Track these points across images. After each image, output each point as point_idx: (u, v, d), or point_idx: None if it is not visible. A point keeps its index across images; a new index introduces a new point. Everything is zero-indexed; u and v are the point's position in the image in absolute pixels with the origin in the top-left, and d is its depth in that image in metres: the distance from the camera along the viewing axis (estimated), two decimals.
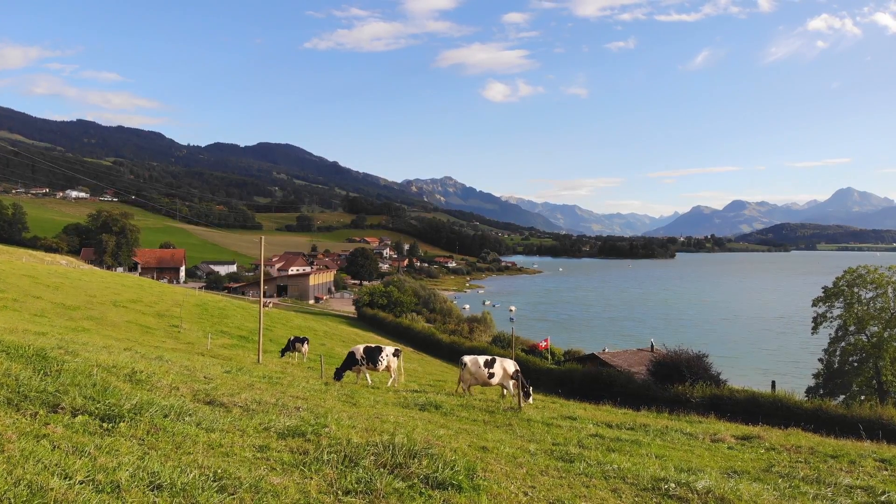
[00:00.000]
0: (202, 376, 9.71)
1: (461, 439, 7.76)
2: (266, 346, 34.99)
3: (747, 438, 11.08)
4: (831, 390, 51.25)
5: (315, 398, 9.94)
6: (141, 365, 8.73)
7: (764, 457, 9.52)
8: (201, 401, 7.26)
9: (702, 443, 10.47)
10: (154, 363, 10.33)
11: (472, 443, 7.68)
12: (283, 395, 9.23)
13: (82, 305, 34.73)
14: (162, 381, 7.76)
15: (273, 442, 5.89)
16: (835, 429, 18.43)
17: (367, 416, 8.56)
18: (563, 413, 13.23)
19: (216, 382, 9.21)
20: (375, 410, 9.88)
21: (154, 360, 11.37)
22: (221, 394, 7.80)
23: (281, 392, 9.81)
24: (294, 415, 7.26)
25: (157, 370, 8.74)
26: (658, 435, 10.84)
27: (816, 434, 15.14)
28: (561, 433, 10.16)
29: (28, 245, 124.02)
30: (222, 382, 9.46)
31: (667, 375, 29.88)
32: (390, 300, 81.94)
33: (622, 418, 13.56)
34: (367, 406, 10.43)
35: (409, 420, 8.93)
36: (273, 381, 12.22)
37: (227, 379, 10.50)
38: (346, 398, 11.17)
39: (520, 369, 15.22)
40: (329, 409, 8.44)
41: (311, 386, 12.21)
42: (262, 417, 6.79)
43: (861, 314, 52.16)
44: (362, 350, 18.53)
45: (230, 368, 13.24)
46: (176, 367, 10.30)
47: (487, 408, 12.55)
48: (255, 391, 9.06)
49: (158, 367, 9.23)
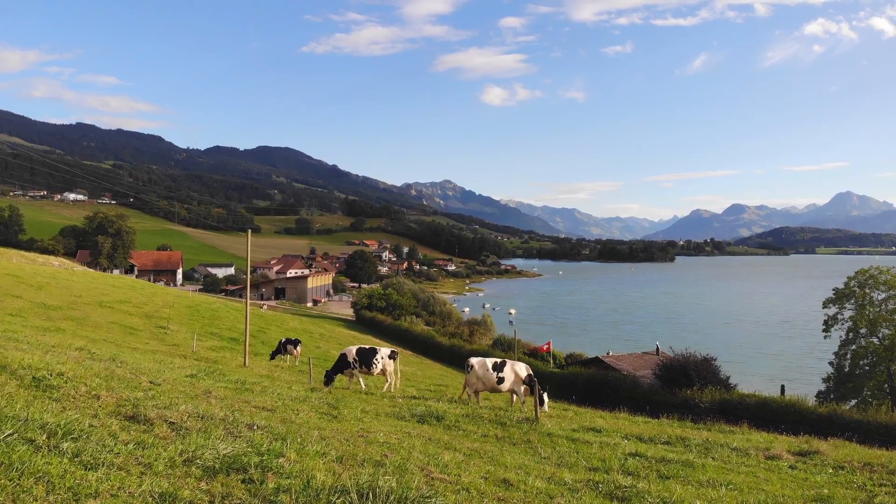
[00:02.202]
0: (147, 381, 7.96)
1: (473, 468, 6.01)
2: (258, 349, 33.41)
3: (805, 454, 9.51)
4: (843, 394, 50.08)
5: (286, 410, 8.23)
6: (68, 367, 7.09)
7: (843, 479, 7.93)
8: (121, 415, 5.54)
9: (757, 461, 8.85)
10: (96, 365, 8.57)
11: (488, 472, 5.89)
12: (244, 407, 7.55)
13: (65, 305, 33.11)
14: (80, 387, 6.10)
15: (190, 484, 4.08)
16: (854, 436, 17.52)
17: (349, 435, 6.75)
18: (583, 424, 11.54)
19: (160, 389, 7.42)
20: (361, 425, 8.07)
21: (106, 361, 9.70)
22: (155, 405, 6.07)
23: (243, 402, 8.09)
24: (242, 437, 5.42)
25: (84, 374, 7.05)
26: (703, 451, 9.21)
27: (858, 444, 13.66)
28: (593, 452, 8.49)
29: (24, 247, 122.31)
30: (169, 389, 7.68)
31: (674, 379, 29.49)
32: (389, 303, 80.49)
33: (651, 429, 11.91)
34: (351, 419, 8.63)
35: (403, 438, 7.14)
36: (243, 387, 10.48)
37: (183, 384, 8.66)
38: (328, 409, 9.40)
39: (533, 374, 13.60)
40: (297, 427, 6.60)
41: (288, 393, 10.46)
42: (191, 441, 4.95)
43: (873, 316, 50.84)
44: (355, 352, 16.80)
45: (197, 372, 11.50)
46: (120, 371, 8.57)
47: (498, 418, 10.87)
48: (206, 401, 7.35)
49: (87, 371, 7.49)
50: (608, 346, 67.98)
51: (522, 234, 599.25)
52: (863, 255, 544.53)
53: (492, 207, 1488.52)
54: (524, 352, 50.60)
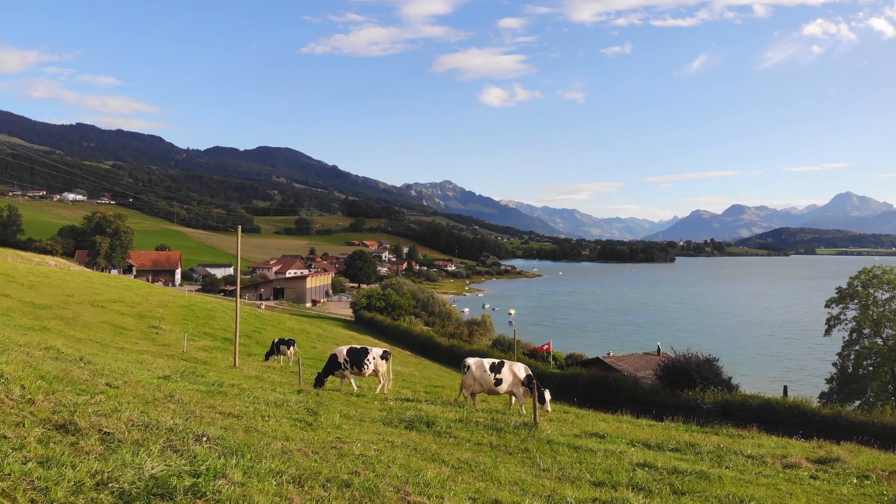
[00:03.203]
0: (104, 384, 7.25)
1: (460, 486, 5.26)
2: (253, 350, 32.80)
3: (825, 462, 8.84)
4: (846, 395, 49.51)
5: (255, 416, 7.40)
6: (11, 367, 6.40)
7: (870, 491, 7.27)
8: (52, 423, 4.88)
9: (776, 471, 8.18)
10: (51, 366, 7.79)
11: (477, 492, 5.17)
12: (207, 413, 6.81)
13: (55, 305, 32.48)
14: (14, 390, 5.43)
15: None
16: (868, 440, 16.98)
17: (320, 447, 5.91)
18: (584, 428, 10.82)
19: (114, 393, 6.63)
20: (339, 434, 7.22)
21: (70, 361, 9.01)
22: (96, 412, 5.44)
23: (208, 408, 7.30)
24: (183, 452, 4.63)
25: (26, 375, 6.35)
26: (716, 460, 8.53)
27: (874, 449, 13.04)
28: (597, 462, 7.70)
29: (22, 247, 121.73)
30: (125, 393, 6.87)
31: (676, 380, 29.33)
32: (388, 303, 79.92)
33: (657, 434, 11.24)
34: (328, 427, 7.79)
35: (384, 449, 6.32)
36: (217, 390, 9.69)
37: (147, 387, 7.83)
38: (306, 414, 8.62)
39: (532, 374, 12.93)
40: (258, 438, 5.79)
41: (267, 397, 9.68)
42: (116, 458, 4.17)
43: (877, 316, 50.23)
44: (345, 352, 16.06)
45: (173, 373, 10.76)
46: (78, 372, 7.85)
47: (494, 424, 10.16)
48: (162, 407, 6.61)
49: (33, 372, 6.74)
50: (608, 346, 67.40)
51: (522, 234, 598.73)
52: (863, 255, 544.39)
53: (492, 208, 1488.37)
54: (524, 352, 50.09)
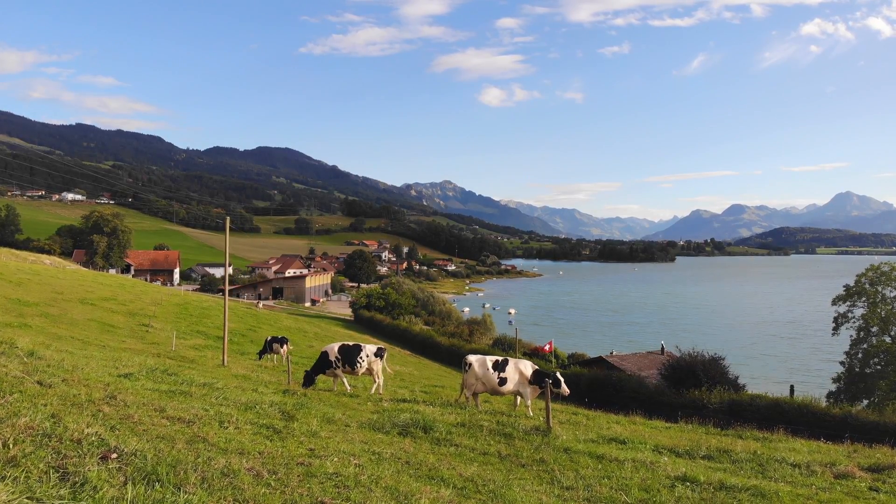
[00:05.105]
0: (33, 382, 6.17)
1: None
2: (246, 348, 31.90)
3: (879, 470, 7.88)
4: (854, 394, 48.70)
5: (211, 422, 6.20)
6: None
7: None
8: None
9: (829, 483, 7.21)
10: None
11: None
12: (150, 419, 5.65)
13: (42, 302, 31.53)
14: None
15: None
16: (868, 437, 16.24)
17: (283, 463, 4.63)
18: (599, 432, 9.77)
19: (36, 392, 5.51)
20: (312, 444, 5.94)
21: (15, 357, 8.00)
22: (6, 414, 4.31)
23: (156, 411, 6.15)
24: (72, 476, 3.51)
25: None
26: (758, 469, 7.54)
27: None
28: (627, 476, 6.50)
29: (20, 247, 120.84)
30: (53, 393, 5.75)
31: (681, 380, 28.62)
32: (388, 302, 79.04)
33: (678, 438, 10.25)
34: (301, 435, 6.49)
35: (367, 465, 5.10)
36: (179, 390, 8.58)
37: (92, 386, 6.85)
38: (280, 418, 7.44)
39: (542, 370, 11.91)
40: (196, 453, 4.54)
41: (235, 398, 8.52)
42: None
43: (885, 314, 49.37)
44: (337, 349, 15.01)
45: (139, 370, 9.76)
46: (14, 368, 6.86)
47: (501, 428, 8.93)
48: (92, 409, 5.48)
49: None
50: (609, 346, 66.67)
51: (522, 234, 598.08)
52: (863, 255, 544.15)
53: (491, 208, 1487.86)
54: (525, 352, 49.35)
